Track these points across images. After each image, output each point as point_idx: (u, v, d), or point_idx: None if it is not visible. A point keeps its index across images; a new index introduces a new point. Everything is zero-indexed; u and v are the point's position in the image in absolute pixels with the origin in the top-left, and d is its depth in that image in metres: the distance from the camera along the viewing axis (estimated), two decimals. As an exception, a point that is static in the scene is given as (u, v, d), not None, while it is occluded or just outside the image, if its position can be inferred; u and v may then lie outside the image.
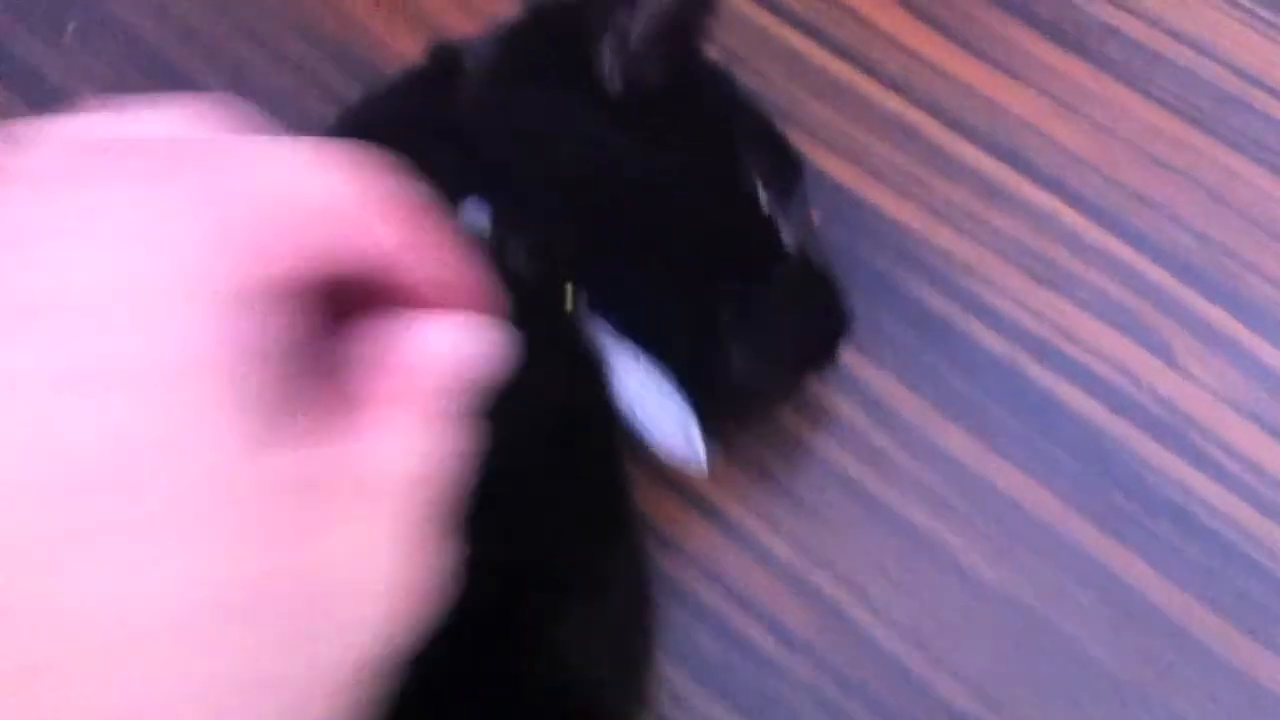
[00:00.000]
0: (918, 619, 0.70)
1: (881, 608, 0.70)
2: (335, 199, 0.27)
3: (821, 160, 0.84)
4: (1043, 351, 0.78)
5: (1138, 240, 0.82)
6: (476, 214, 0.61)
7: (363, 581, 0.26)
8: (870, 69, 0.88)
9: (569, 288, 0.61)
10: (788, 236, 0.68)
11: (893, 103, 0.87)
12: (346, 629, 0.25)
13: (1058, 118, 0.87)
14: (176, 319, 0.24)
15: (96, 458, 0.22)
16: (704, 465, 0.64)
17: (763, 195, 0.66)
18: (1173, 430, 0.76)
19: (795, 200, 0.69)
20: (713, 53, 0.71)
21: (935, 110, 0.86)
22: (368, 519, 0.26)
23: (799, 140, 0.78)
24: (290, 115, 0.84)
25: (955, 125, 0.86)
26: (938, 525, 0.73)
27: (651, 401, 0.61)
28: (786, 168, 0.70)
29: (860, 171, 0.84)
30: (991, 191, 0.83)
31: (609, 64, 0.64)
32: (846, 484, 0.74)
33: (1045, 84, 0.88)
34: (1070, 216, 0.83)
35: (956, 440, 0.75)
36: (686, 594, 0.71)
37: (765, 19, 0.89)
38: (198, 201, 0.25)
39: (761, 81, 0.86)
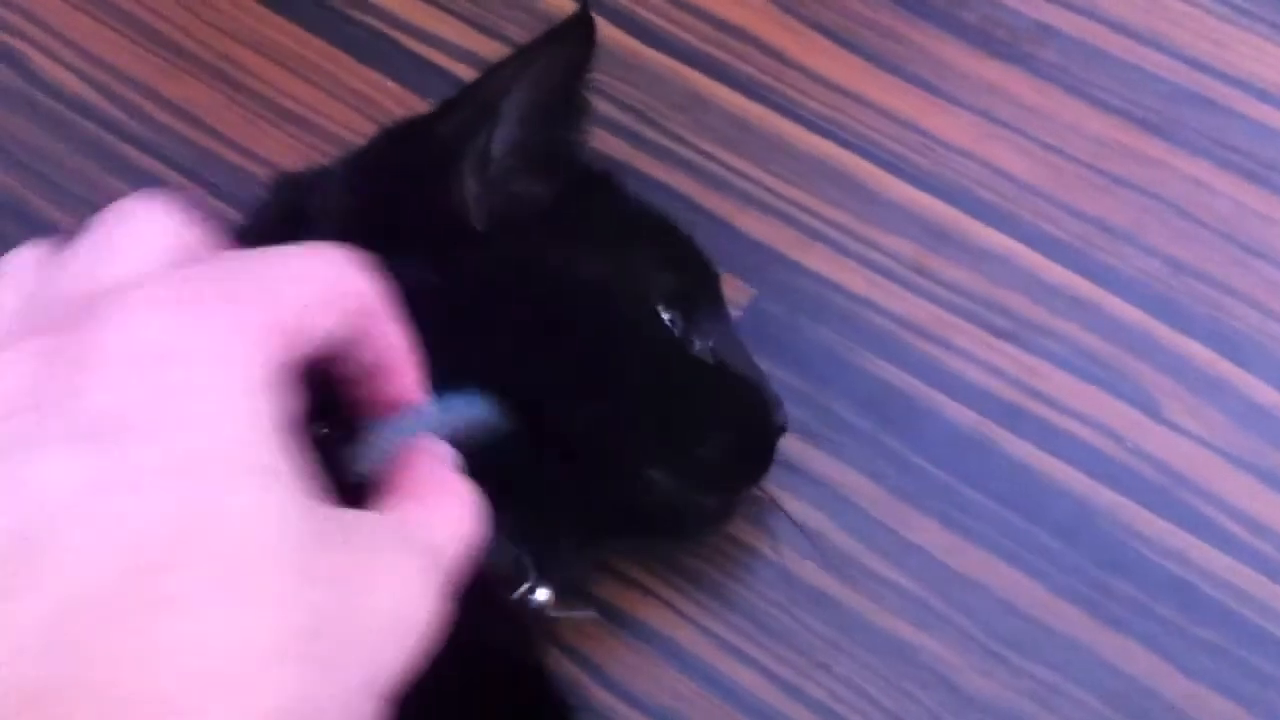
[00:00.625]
0: (910, 746, 0.63)
1: (868, 740, 0.63)
2: (347, 293, 0.33)
3: (747, 223, 0.77)
4: (1013, 418, 0.71)
5: (1103, 275, 0.75)
6: None
7: (399, 621, 0.31)
8: (788, 108, 0.81)
9: None
10: (701, 352, 0.61)
11: (818, 146, 0.79)
12: (381, 658, 0.30)
13: (1000, 141, 0.79)
14: (234, 411, 0.28)
15: (182, 535, 0.26)
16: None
17: (665, 315, 0.60)
18: (1164, 493, 0.70)
19: (709, 310, 0.63)
20: (608, 113, 0.62)
21: (865, 149, 0.79)
22: (405, 571, 0.31)
23: (718, 203, 0.75)
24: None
25: (890, 164, 0.79)
26: (920, 635, 0.66)
27: None
28: (694, 281, 0.63)
29: (792, 232, 0.77)
30: (938, 238, 0.76)
31: (471, 194, 0.57)
32: (813, 598, 0.67)
33: (983, 104, 0.80)
34: (1026, 256, 0.76)
35: (930, 533, 0.68)
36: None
37: (661, 61, 0.82)
38: (246, 313, 0.30)
39: (665, 135, 0.79)
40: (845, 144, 0.79)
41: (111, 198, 0.71)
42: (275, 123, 0.81)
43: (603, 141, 0.72)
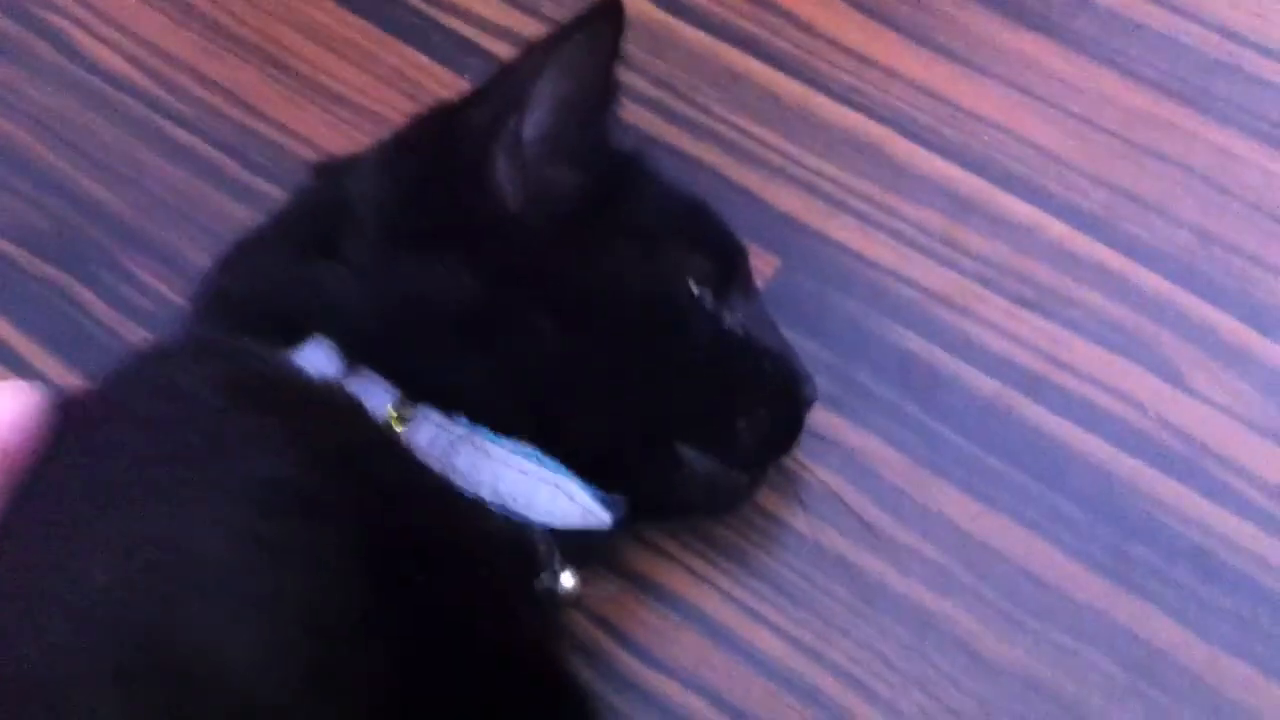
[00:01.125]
0: (927, 709, 0.64)
1: (889, 703, 0.64)
2: None
3: (775, 195, 0.77)
4: (1036, 386, 0.71)
5: (1130, 245, 0.75)
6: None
7: None
8: (818, 81, 0.81)
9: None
10: (732, 327, 0.62)
11: (847, 118, 0.80)
12: None
13: (1030, 113, 0.79)
14: None
15: None
16: (605, 518, 0.59)
17: (697, 291, 0.61)
18: (1186, 462, 0.69)
19: (738, 286, 0.64)
20: (639, 88, 0.63)
21: (894, 121, 0.79)
22: None
23: (747, 175, 0.75)
24: (185, 207, 0.78)
25: (918, 136, 0.79)
26: (942, 602, 0.66)
27: (531, 483, 0.56)
28: (724, 258, 0.64)
29: (820, 203, 0.77)
30: (965, 209, 0.76)
31: (505, 176, 0.57)
32: (837, 565, 0.67)
33: (1013, 75, 0.80)
34: (1053, 227, 0.76)
35: (952, 501, 0.69)
36: (674, 710, 0.65)
37: (694, 36, 0.82)
38: None
39: (695, 109, 0.80)
40: (874, 116, 0.79)
41: (154, 175, 0.75)
42: (315, 100, 0.82)
43: (633, 115, 0.73)
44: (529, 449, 0.57)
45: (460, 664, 0.49)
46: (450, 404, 0.56)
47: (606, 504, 0.59)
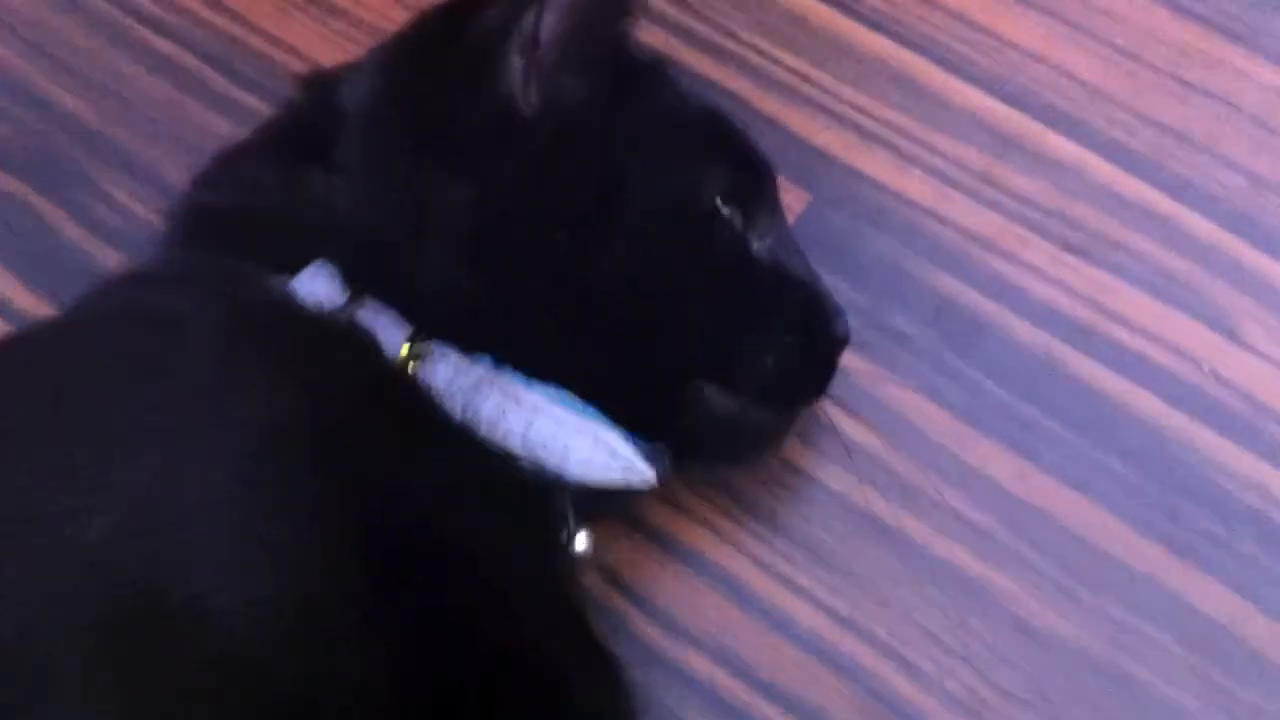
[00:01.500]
0: (975, 688, 0.59)
1: (932, 679, 0.60)
2: None
3: (804, 126, 0.72)
4: (1083, 337, 0.67)
5: (1180, 189, 0.71)
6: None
7: None
8: (848, 4, 0.76)
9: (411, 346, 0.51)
10: (760, 253, 0.57)
11: (879, 45, 0.75)
12: None
13: (1074, 46, 0.75)
14: None
15: None
16: (650, 475, 0.54)
17: (724, 210, 0.56)
18: (1244, 421, 0.65)
19: (766, 210, 0.59)
20: (658, 8, 0.61)
21: (930, 51, 0.74)
22: None
23: (773, 104, 0.71)
24: (164, 121, 0.73)
25: (956, 67, 0.74)
26: (986, 568, 0.62)
27: (566, 434, 0.52)
28: (751, 175, 0.59)
29: (852, 135, 0.72)
30: (1005, 145, 0.72)
31: (518, 77, 0.53)
32: (873, 527, 0.63)
33: (1056, 5, 0.76)
34: (1098, 167, 0.71)
35: (995, 459, 0.64)
36: (698, 682, 0.60)
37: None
38: None
39: (717, 31, 0.75)
40: (909, 44, 0.75)
41: (132, 85, 0.69)
42: (306, 10, 0.77)
43: (651, 35, 0.67)
44: (562, 393, 0.52)
45: (479, 637, 0.46)
46: (468, 339, 0.51)
47: (650, 458, 0.54)
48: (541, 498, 0.53)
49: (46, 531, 0.39)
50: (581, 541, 0.55)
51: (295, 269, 0.50)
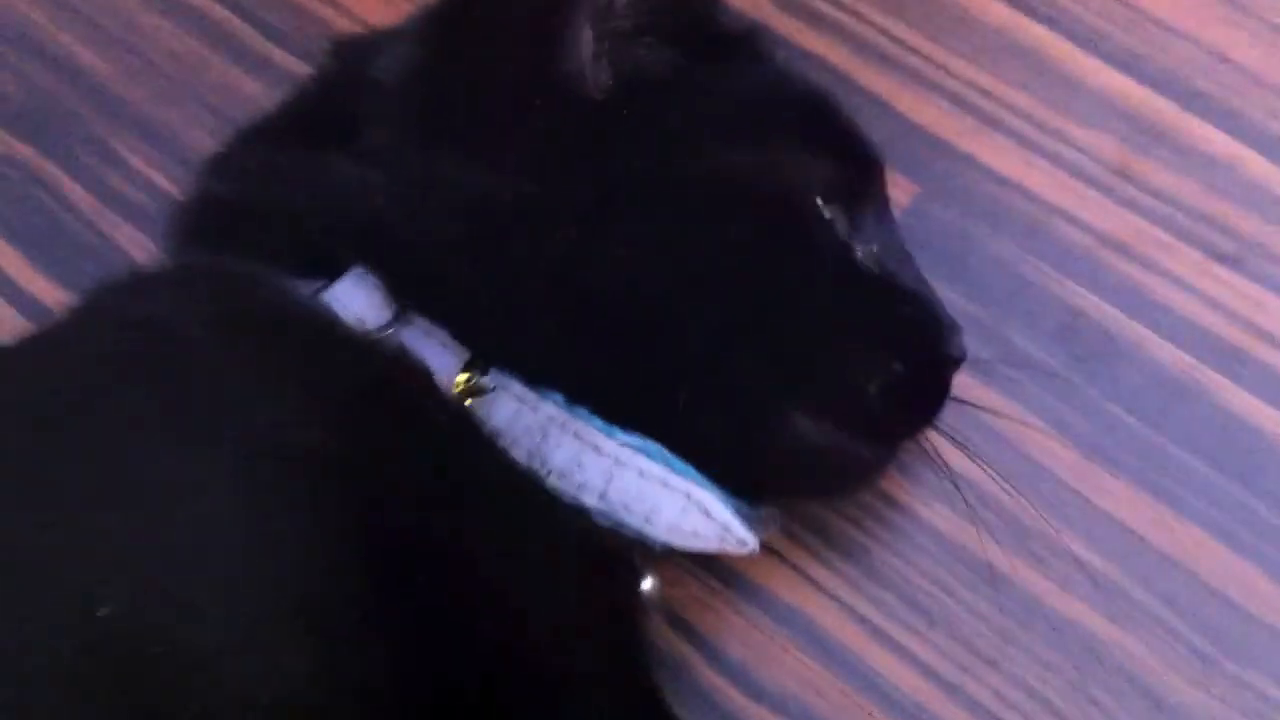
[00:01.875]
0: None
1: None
2: None
3: (913, 106, 0.67)
4: (1233, 362, 0.61)
5: (1347, 191, 0.64)
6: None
7: None
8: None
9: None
10: (865, 261, 0.52)
11: (1001, 14, 0.68)
12: None
13: (1227, 24, 0.67)
14: None
15: None
16: (750, 542, 0.49)
17: (825, 211, 0.51)
18: None
19: (872, 208, 0.54)
20: None
21: (1061, 23, 0.68)
22: None
23: (878, 80, 0.67)
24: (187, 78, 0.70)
25: (1091, 44, 0.67)
26: (1113, 629, 0.57)
27: (654, 491, 0.47)
28: (857, 168, 0.54)
29: (969, 119, 0.66)
30: (1147, 136, 0.65)
31: (587, 52, 0.48)
32: (983, 576, 0.58)
33: (1203, -25, 0.69)
34: (1255, 164, 0.65)
35: (1127, 503, 0.59)
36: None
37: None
38: None
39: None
40: (1037, 15, 0.68)
41: (151, 38, 0.66)
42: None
43: (741, 2, 0.61)
44: (647, 442, 0.47)
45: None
46: (534, 369, 0.47)
47: (750, 522, 0.49)
48: (618, 559, 0.49)
49: (30, 581, 0.37)
50: (648, 582, 0.51)
51: (323, 277, 0.46)
